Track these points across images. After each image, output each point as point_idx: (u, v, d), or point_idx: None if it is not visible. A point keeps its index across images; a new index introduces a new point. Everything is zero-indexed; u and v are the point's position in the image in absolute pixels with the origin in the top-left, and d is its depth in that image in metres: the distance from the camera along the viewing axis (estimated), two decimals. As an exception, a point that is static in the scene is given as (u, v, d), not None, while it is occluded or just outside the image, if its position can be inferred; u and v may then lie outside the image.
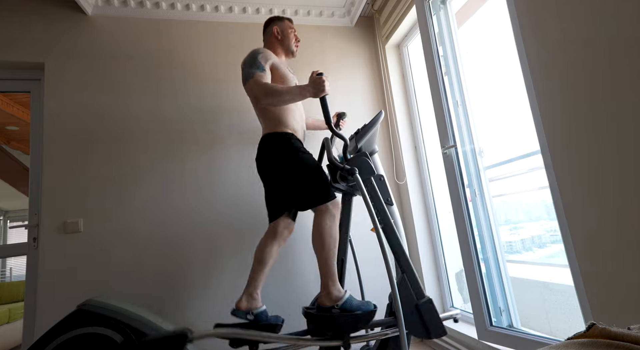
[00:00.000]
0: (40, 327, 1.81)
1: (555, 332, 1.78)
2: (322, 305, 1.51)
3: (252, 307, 1.56)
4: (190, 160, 2.22)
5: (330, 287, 1.51)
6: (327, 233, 1.55)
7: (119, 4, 2.29)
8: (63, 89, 2.12)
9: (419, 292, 1.51)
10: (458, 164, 1.83)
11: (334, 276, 1.53)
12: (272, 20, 1.94)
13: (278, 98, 1.62)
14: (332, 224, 1.56)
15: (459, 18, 2.01)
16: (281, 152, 1.65)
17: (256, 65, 1.68)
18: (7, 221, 3.12)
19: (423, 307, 1.48)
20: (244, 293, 1.59)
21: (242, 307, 1.55)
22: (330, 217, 1.56)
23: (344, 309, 1.47)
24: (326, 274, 1.53)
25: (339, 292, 1.51)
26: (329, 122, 1.59)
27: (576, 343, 0.32)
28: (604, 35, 1.05)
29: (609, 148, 1.05)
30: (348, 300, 1.49)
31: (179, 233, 2.11)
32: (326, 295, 1.51)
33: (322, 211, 1.57)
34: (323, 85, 1.56)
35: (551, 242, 2.00)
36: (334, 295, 1.50)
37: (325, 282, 1.53)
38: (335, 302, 1.48)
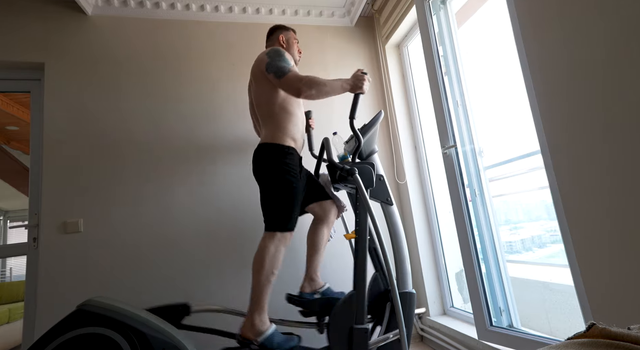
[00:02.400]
0: (40, 327, 1.81)
1: (555, 332, 1.78)
2: (244, 337, 1.46)
3: (316, 288, 1.71)
4: (190, 160, 2.22)
5: (255, 319, 1.47)
6: (269, 259, 1.52)
7: (119, 4, 2.29)
8: (63, 89, 2.12)
9: (360, 317, 1.46)
10: (458, 164, 1.83)
11: (262, 307, 1.49)
12: (278, 27, 1.94)
13: (321, 89, 1.58)
14: (277, 252, 1.54)
15: (459, 18, 2.01)
16: (271, 167, 1.61)
17: (286, 60, 1.66)
18: (7, 221, 3.12)
19: (357, 333, 1.44)
20: (305, 278, 1.75)
21: (306, 289, 1.71)
22: (277, 244, 1.55)
23: (262, 345, 1.43)
24: (255, 302, 1.49)
25: (262, 325, 1.46)
26: (352, 118, 1.56)
27: (576, 343, 0.32)
28: (604, 35, 1.05)
29: (608, 148, 1.05)
30: (270, 336, 1.45)
31: (179, 233, 2.11)
32: (250, 326, 1.46)
33: (272, 236, 1.56)
34: (363, 82, 1.59)
35: (551, 242, 2.00)
36: (257, 328, 1.45)
37: (252, 311, 1.48)
38: (257, 336, 1.44)
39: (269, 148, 1.65)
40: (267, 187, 1.63)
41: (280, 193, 1.59)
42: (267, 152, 1.65)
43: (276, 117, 1.68)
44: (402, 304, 1.45)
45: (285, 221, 1.58)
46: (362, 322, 1.46)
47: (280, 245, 1.55)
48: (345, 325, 1.45)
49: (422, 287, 2.30)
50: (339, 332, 1.44)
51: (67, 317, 1.34)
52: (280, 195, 1.59)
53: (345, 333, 1.44)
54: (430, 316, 2.24)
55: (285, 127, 1.67)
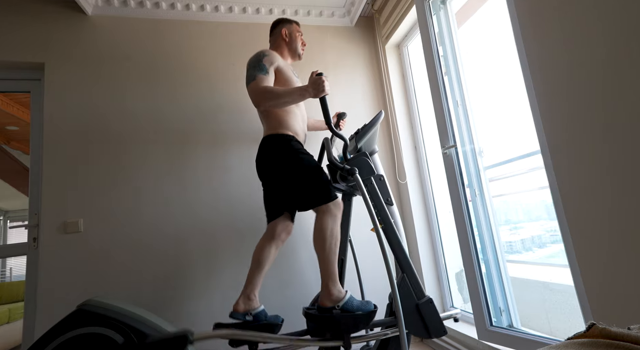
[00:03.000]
0: (40, 327, 1.81)
1: (555, 332, 1.78)
2: (323, 306, 1.50)
3: (250, 308, 1.57)
4: (190, 159, 2.22)
5: (331, 288, 1.51)
6: (329, 233, 1.54)
7: (119, 4, 2.29)
8: (63, 89, 2.12)
9: (419, 292, 1.51)
10: (458, 164, 1.83)
11: (334, 276, 1.53)
12: (280, 21, 1.94)
13: (277, 100, 1.61)
14: (334, 224, 1.56)
15: (459, 18, 2.01)
16: (281, 154, 1.64)
17: (259, 67, 1.67)
18: (7, 221, 3.12)
19: (423, 307, 1.49)
20: (241, 295, 1.61)
21: (239, 309, 1.57)
22: (332, 217, 1.56)
23: (344, 310, 1.47)
24: (327, 275, 1.53)
25: (339, 293, 1.51)
26: (328, 122, 1.59)
27: (576, 343, 0.32)
28: (604, 35, 1.05)
29: (608, 148, 1.05)
30: (349, 300, 1.49)
31: (179, 233, 2.11)
32: (327, 296, 1.51)
33: (323, 211, 1.57)
34: (323, 85, 1.55)
35: (551, 242, 2.00)
36: (334, 295, 1.50)
37: (325, 282, 1.53)
38: (336, 303, 1.48)
39: (273, 138, 1.68)
40: (289, 171, 1.62)
41: (305, 170, 1.60)
42: (272, 142, 1.67)
43: (275, 114, 1.72)
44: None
45: (327, 191, 1.59)
46: (423, 295, 1.51)
47: (335, 216, 1.57)
48: (411, 305, 1.49)
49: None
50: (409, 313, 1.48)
51: (67, 317, 1.34)
52: (306, 171, 1.60)
53: (415, 312, 1.49)
54: (430, 316, 2.24)
55: (285, 121, 1.71)
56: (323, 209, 1.57)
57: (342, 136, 1.59)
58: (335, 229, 1.56)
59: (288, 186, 1.64)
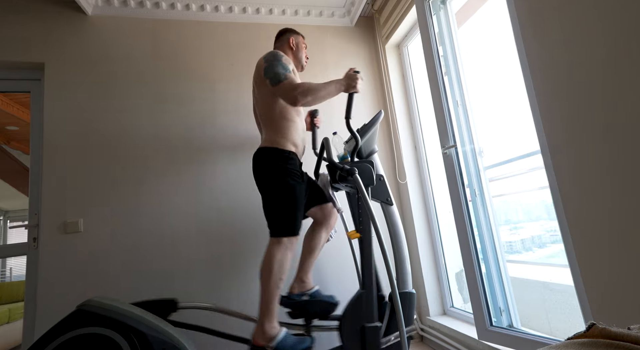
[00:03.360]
0: (40, 327, 1.81)
1: (555, 332, 1.78)
2: (256, 344, 1.46)
3: (304, 289, 1.71)
4: (190, 160, 2.22)
5: (265, 325, 1.46)
6: (277, 265, 1.50)
7: (119, 4, 2.29)
8: (63, 89, 2.12)
9: (369, 315, 1.47)
10: (458, 164, 1.83)
11: (271, 313, 1.48)
12: (288, 30, 1.93)
13: (316, 94, 1.56)
14: (284, 258, 1.52)
15: (459, 18, 2.01)
16: (272, 172, 1.60)
17: (283, 66, 1.63)
18: (7, 221, 3.12)
19: (368, 332, 1.45)
20: (295, 279, 1.73)
21: (295, 291, 1.70)
22: (284, 250, 1.53)
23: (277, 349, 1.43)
24: (265, 310, 1.48)
25: (272, 330, 1.46)
26: (348, 118, 1.56)
27: (576, 343, 0.32)
28: (604, 35, 1.05)
29: (608, 148, 1.05)
30: (282, 340, 1.45)
31: (179, 232, 2.11)
32: (260, 333, 1.46)
33: (278, 242, 1.54)
34: (357, 81, 1.57)
35: (551, 242, 2.00)
36: (267, 333, 1.45)
37: (261, 319, 1.48)
38: (269, 342, 1.44)
39: (268, 152, 1.63)
40: (269, 193, 1.61)
41: (283, 198, 1.57)
42: (267, 156, 1.63)
43: (276, 123, 1.67)
44: (402, 303, 1.45)
45: (291, 226, 1.56)
46: (373, 320, 1.48)
47: (287, 251, 1.54)
48: (356, 324, 1.46)
49: (422, 287, 2.30)
50: (351, 331, 1.46)
51: (67, 317, 1.34)
52: (283, 200, 1.57)
53: (357, 332, 1.46)
54: (430, 316, 2.24)
55: (285, 133, 1.66)
56: (282, 240, 1.55)
57: (356, 135, 1.57)
58: (284, 264, 1.52)
59: (264, 203, 1.64)
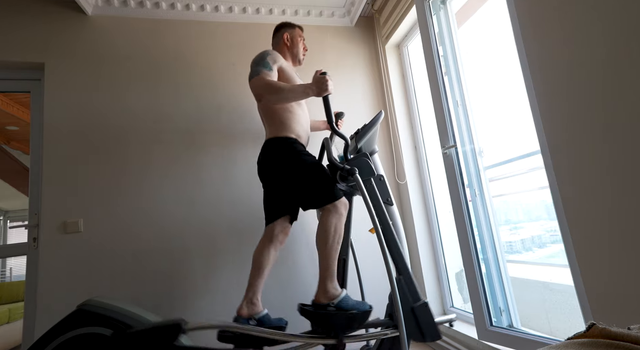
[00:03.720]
0: (40, 327, 1.81)
1: (555, 332, 1.78)
2: (318, 303, 1.50)
3: (254, 312, 1.57)
4: (190, 160, 2.22)
5: (328, 284, 1.51)
6: (332, 231, 1.54)
7: (119, 4, 2.29)
8: (63, 89, 2.12)
9: (415, 295, 1.50)
10: (458, 164, 1.83)
11: (332, 274, 1.53)
12: (283, 25, 1.94)
13: (279, 95, 1.60)
14: (339, 222, 1.56)
15: (459, 18, 2.01)
16: (285, 156, 1.64)
17: (263, 64, 1.67)
18: (7, 221, 3.12)
19: (419, 310, 1.47)
20: (244, 300, 1.60)
21: (243, 314, 1.56)
22: (338, 216, 1.56)
23: (339, 308, 1.47)
24: (325, 271, 1.53)
25: (335, 290, 1.51)
26: (330, 121, 1.59)
27: (576, 343, 0.32)
28: (604, 35, 1.05)
29: (608, 148, 1.05)
30: (344, 299, 1.49)
31: (180, 232, 2.11)
32: (323, 292, 1.51)
33: (329, 210, 1.56)
34: (326, 84, 1.56)
35: (551, 242, 2.00)
36: (330, 292, 1.50)
37: (323, 278, 1.52)
38: (331, 300, 1.48)
39: (276, 141, 1.68)
40: (291, 174, 1.62)
41: (307, 171, 1.60)
42: (275, 145, 1.67)
43: (278, 116, 1.71)
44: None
45: (331, 190, 1.58)
46: (419, 298, 1.49)
47: (339, 215, 1.56)
48: (406, 308, 1.47)
49: (422, 287, 2.30)
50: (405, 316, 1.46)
51: (67, 317, 1.34)
52: (309, 173, 1.60)
53: (410, 314, 1.47)
54: (430, 316, 2.24)
55: (288, 125, 1.70)
56: (329, 208, 1.56)
57: (344, 136, 1.59)
58: (339, 227, 1.56)
59: (293, 187, 1.63)
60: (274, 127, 1.72)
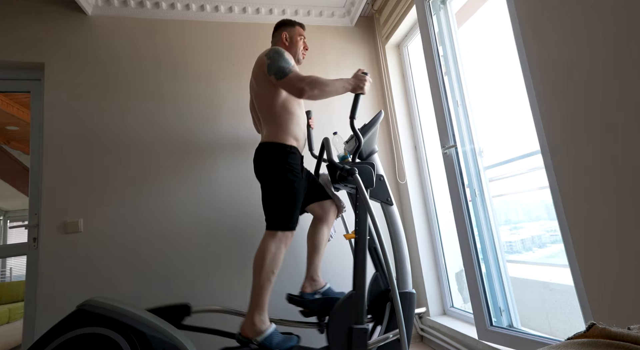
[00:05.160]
0: (40, 327, 1.81)
1: (555, 332, 1.78)
2: (244, 336, 1.47)
3: (316, 288, 1.72)
4: (190, 160, 2.22)
5: (256, 318, 1.47)
6: (269, 258, 1.51)
7: (119, 4, 2.29)
8: (63, 89, 2.12)
9: (359, 317, 1.46)
10: (458, 164, 1.83)
11: (262, 306, 1.49)
12: (283, 24, 1.90)
13: (323, 89, 1.57)
14: (278, 252, 1.54)
15: (459, 18, 2.01)
16: (273, 166, 1.61)
17: (287, 60, 1.64)
18: (7, 221, 3.12)
19: (356, 333, 1.43)
20: (306, 278, 1.75)
21: (307, 290, 1.72)
22: (278, 244, 1.55)
23: (262, 345, 1.43)
24: (255, 302, 1.49)
25: (262, 325, 1.46)
26: (353, 118, 1.57)
27: (576, 343, 0.32)
28: (604, 35, 1.05)
29: (609, 148, 1.05)
30: (269, 336, 1.45)
31: (179, 232, 2.11)
32: (249, 326, 1.47)
33: (272, 235, 1.56)
34: (364, 83, 1.61)
35: (551, 242, 2.00)
36: (257, 327, 1.46)
37: (252, 310, 1.48)
38: (256, 335, 1.44)
39: (270, 147, 1.64)
40: (269, 186, 1.63)
41: (281, 192, 1.59)
42: (268, 151, 1.64)
43: (278, 117, 1.67)
44: (402, 303, 1.44)
45: (287, 220, 1.58)
46: (362, 322, 1.45)
47: (281, 245, 1.55)
48: (344, 325, 1.45)
49: (422, 287, 2.30)
50: (338, 331, 1.44)
51: (67, 317, 1.34)
52: (282, 194, 1.59)
53: (345, 333, 1.44)
54: (430, 316, 2.24)
55: (287, 127, 1.67)
56: (275, 233, 1.56)
57: (360, 136, 1.57)
58: (277, 257, 1.53)
59: (263, 196, 1.65)
60: (273, 129, 1.67)
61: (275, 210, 1.59)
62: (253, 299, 1.50)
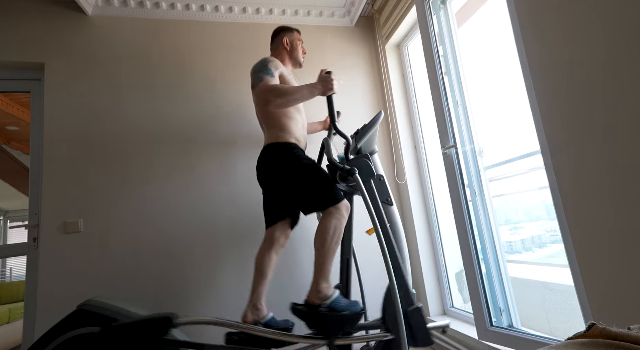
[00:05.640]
0: (40, 327, 1.81)
1: (555, 332, 1.78)
2: (310, 302, 1.49)
3: (259, 318, 1.57)
4: (190, 160, 2.22)
5: (321, 284, 1.50)
6: (331, 232, 1.53)
7: (119, 4, 2.29)
8: (63, 89, 2.12)
9: (408, 299, 1.48)
10: (458, 164, 1.83)
11: (326, 274, 1.52)
12: (282, 29, 1.95)
13: (287, 97, 1.61)
14: (339, 224, 1.55)
15: (459, 18, 2.01)
16: (284, 161, 1.64)
17: (265, 70, 1.69)
18: (7, 221, 3.12)
19: (411, 315, 1.45)
20: (248, 306, 1.59)
21: (248, 320, 1.55)
22: (339, 217, 1.55)
23: (331, 308, 1.46)
24: (320, 270, 1.52)
25: (328, 290, 1.50)
26: (333, 120, 1.59)
27: (576, 343, 0.32)
28: (604, 35, 1.05)
29: (608, 148, 1.05)
30: (336, 299, 1.48)
31: (179, 232, 2.11)
32: (315, 292, 1.50)
33: (331, 212, 1.55)
34: (332, 83, 1.59)
35: (551, 242, 2.00)
36: (323, 293, 1.49)
37: (316, 278, 1.52)
38: (324, 300, 1.47)
39: (275, 146, 1.68)
40: (292, 178, 1.62)
41: (309, 175, 1.60)
42: (274, 150, 1.67)
43: (278, 121, 1.71)
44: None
45: (331, 194, 1.57)
46: (412, 302, 1.48)
47: (340, 217, 1.55)
48: None
49: (422, 287, 2.30)
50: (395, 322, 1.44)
51: (67, 317, 1.34)
52: (310, 176, 1.59)
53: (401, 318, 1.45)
54: (430, 316, 2.24)
55: (287, 129, 1.71)
56: (331, 210, 1.55)
57: (346, 136, 1.59)
58: (339, 229, 1.55)
59: (294, 191, 1.63)
60: (273, 132, 1.71)
61: (315, 191, 1.58)
62: (317, 269, 1.52)
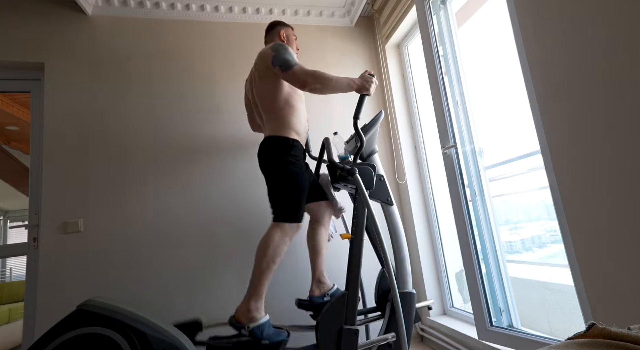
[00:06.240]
0: (40, 327, 1.81)
1: (555, 332, 1.78)
2: (237, 320, 1.46)
3: (324, 290, 1.70)
4: (190, 160, 2.22)
5: (252, 304, 1.46)
6: (272, 248, 1.52)
7: (119, 4, 2.29)
8: (63, 89, 2.12)
9: (350, 318, 1.44)
10: (458, 164, 1.83)
11: (260, 294, 1.49)
12: (278, 23, 1.95)
13: (326, 83, 1.59)
14: (282, 243, 1.54)
15: (459, 18, 2.01)
16: (277, 159, 1.63)
17: (291, 54, 1.68)
18: (7, 221, 3.12)
19: (346, 335, 1.40)
20: (313, 281, 1.73)
21: (316, 293, 1.69)
22: (283, 237, 1.55)
23: (251, 333, 1.42)
24: (253, 289, 1.49)
25: (256, 312, 1.46)
26: (357, 118, 1.57)
27: (576, 343, 0.32)
28: (604, 35, 1.05)
29: (608, 148, 1.05)
30: (261, 325, 1.44)
31: (179, 232, 2.10)
32: (244, 311, 1.46)
33: (279, 226, 1.56)
34: (370, 84, 1.60)
35: (551, 242, 2.00)
36: (251, 313, 1.45)
37: (249, 296, 1.48)
38: (249, 322, 1.43)
39: (274, 141, 1.67)
40: (274, 179, 1.64)
41: (286, 184, 1.60)
42: (272, 145, 1.67)
43: (280, 112, 1.70)
44: (402, 303, 1.44)
45: (293, 212, 1.58)
46: (353, 323, 1.44)
47: (285, 237, 1.55)
48: (335, 325, 1.43)
49: (422, 287, 2.30)
50: (328, 332, 1.42)
51: (67, 317, 1.34)
52: (287, 186, 1.60)
53: (335, 333, 1.42)
54: (430, 316, 2.24)
55: (289, 121, 1.70)
56: (281, 225, 1.56)
57: (362, 136, 1.58)
58: (280, 247, 1.53)
59: (269, 189, 1.66)
60: (275, 123, 1.70)
61: (281, 202, 1.60)
62: (251, 286, 1.50)
